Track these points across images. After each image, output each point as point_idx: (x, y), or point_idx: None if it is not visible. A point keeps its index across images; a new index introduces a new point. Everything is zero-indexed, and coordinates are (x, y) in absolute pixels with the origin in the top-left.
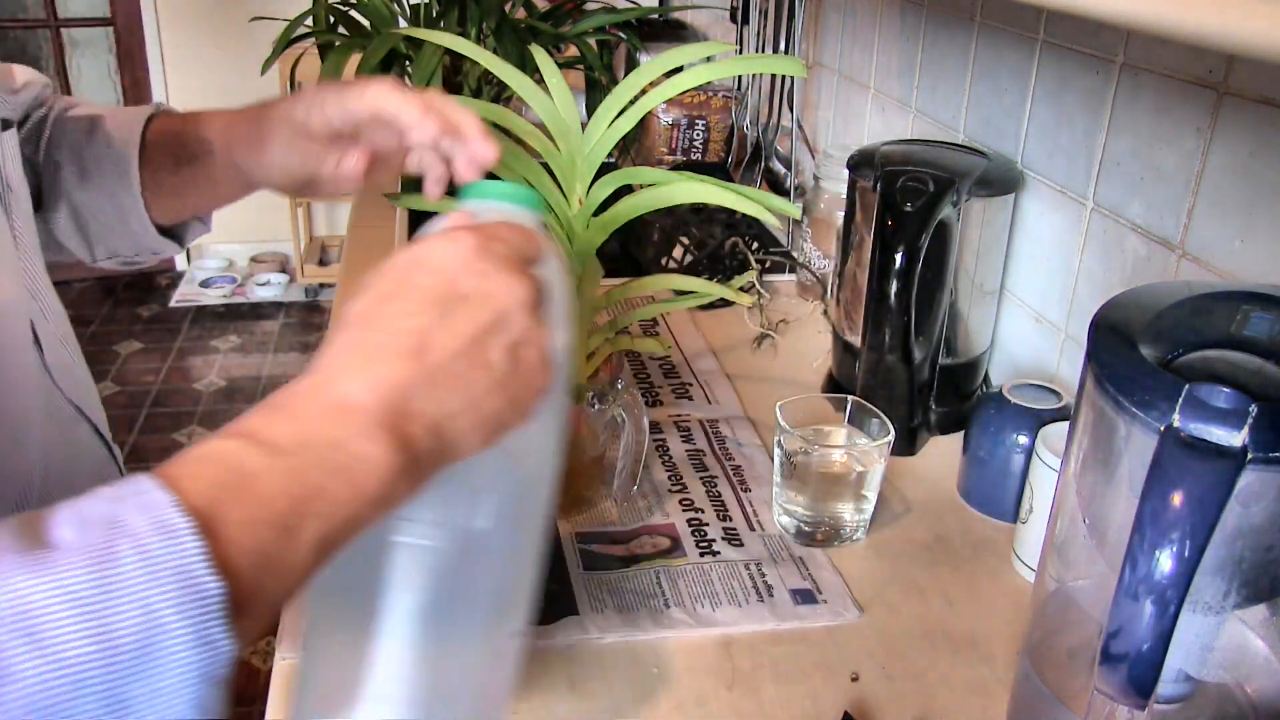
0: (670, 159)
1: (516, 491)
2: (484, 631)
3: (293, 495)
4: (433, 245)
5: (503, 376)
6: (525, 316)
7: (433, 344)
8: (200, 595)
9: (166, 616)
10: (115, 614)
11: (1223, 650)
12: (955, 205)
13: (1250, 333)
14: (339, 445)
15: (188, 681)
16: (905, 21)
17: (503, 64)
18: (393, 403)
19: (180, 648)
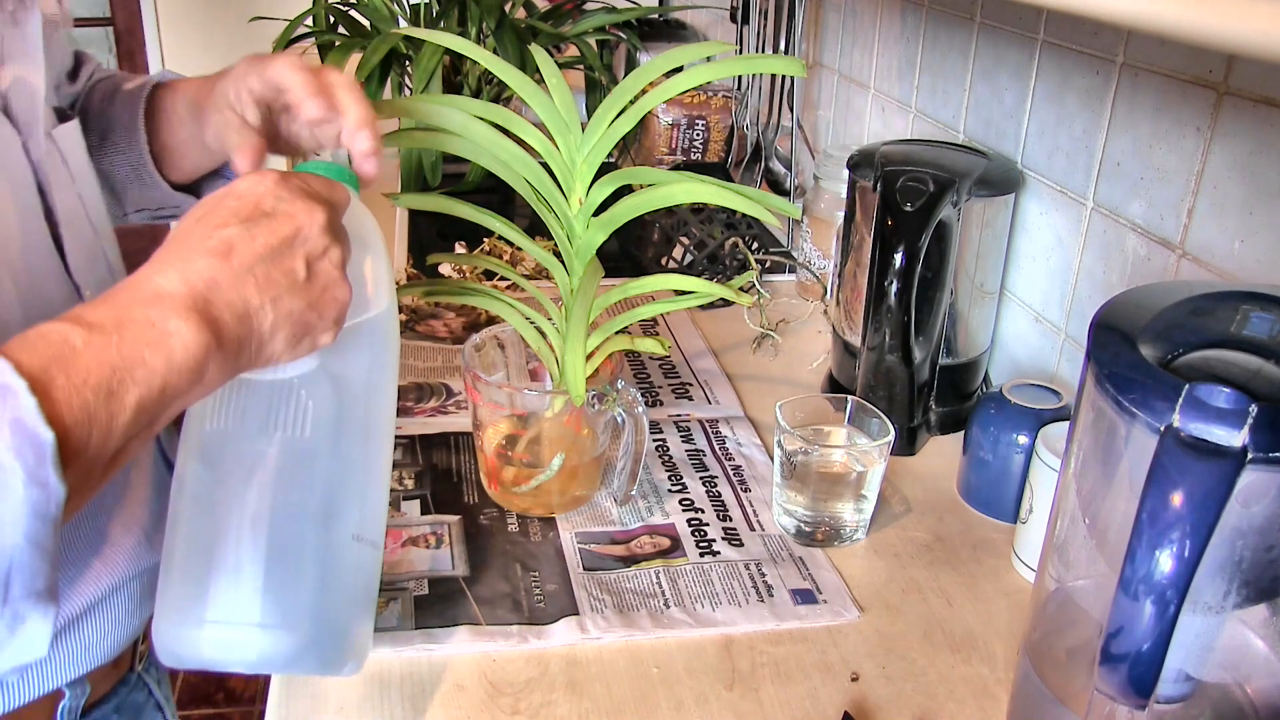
0: (670, 159)
1: (339, 407)
2: (316, 533)
3: (112, 365)
4: (241, 180)
5: (302, 283)
6: (322, 235)
7: (237, 248)
8: (34, 441)
9: (2, 455)
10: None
11: (1223, 650)
12: (955, 205)
13: (1250, 333)
14: (152, 324)
15: (21, 513)
16: (905, 21)
17: (503, 64)
18: (200, 291)
19: (15, 483)
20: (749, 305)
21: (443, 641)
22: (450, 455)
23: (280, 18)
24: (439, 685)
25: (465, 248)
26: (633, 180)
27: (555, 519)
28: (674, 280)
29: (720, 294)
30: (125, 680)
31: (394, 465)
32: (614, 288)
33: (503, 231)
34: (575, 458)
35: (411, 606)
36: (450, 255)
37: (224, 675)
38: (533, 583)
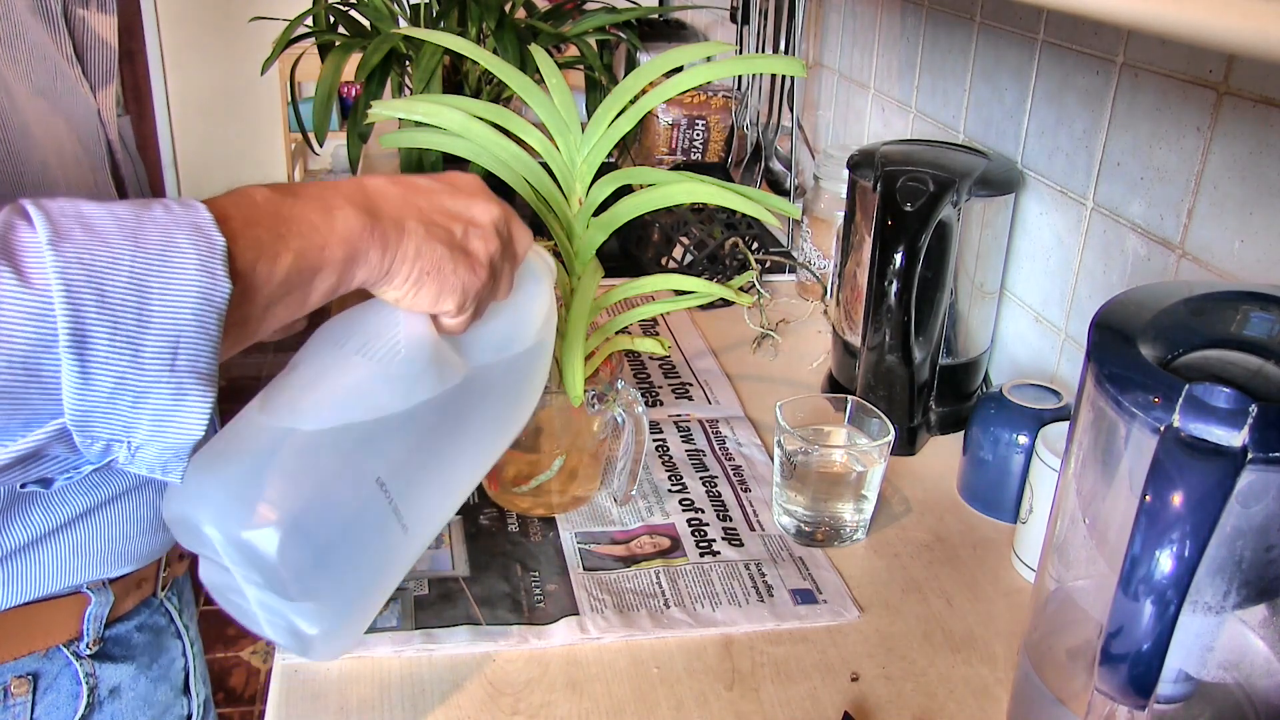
0: (670, 159)
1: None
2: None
3: (283, 216)
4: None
5: (454, 241)
6: (489, 224)
7: (417, 188)
8: (208, 241)
9: (180, 241)
10: (144, 231)
11: (1223, 650)
12: (955, 205)
13: (1250, 333)
14: (324, 198)
15: (190, 291)
16: (905, 21)
17: (503, 64)
18: (370, 194)
19: (190, 264)
20: (749, 305)
21: (443, 641)
22: None
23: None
24: (439, 685)
25: None
26: (633, 180)
27: (555, 519)
28: (674, 280)
29: (720, 294)
30: (148, 602)
31: None
32: (614, 288)
33: None
34: (575, 456)
35: (411, 606)
36: None
37: (224, 677)
38: (533, 583)
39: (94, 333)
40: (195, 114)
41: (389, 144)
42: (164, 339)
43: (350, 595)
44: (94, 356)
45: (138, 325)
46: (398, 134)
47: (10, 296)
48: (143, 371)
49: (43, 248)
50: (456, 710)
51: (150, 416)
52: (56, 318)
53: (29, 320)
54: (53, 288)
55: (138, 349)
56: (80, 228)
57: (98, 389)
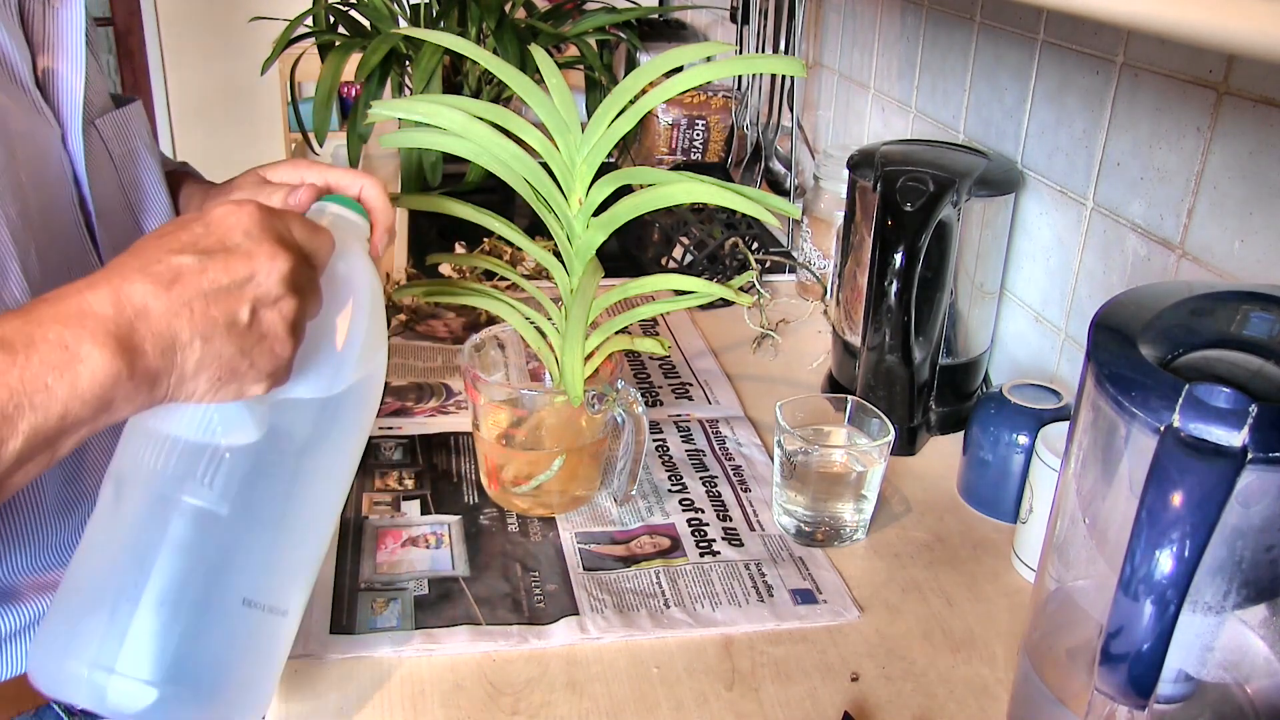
0: (670, 159)
1: (263, 475)
2: (201, 593)
3: (10, 387)
4: (221, 206)
5: (241, 327)
6: (278, 284)
7: (183, 279)
8: None
9: None
10: None
11: (1223, 650)
12: (955, 205)
13: (1250, 333)
14: (65, 346)
15: None
16: (905, 22)
17: (503, 64)
18: (128, 318)
19: None
20: (749, 305)
21: (443, 641)
22: (450, 455)
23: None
24: (439, 685)
25: (465, 248)
26: (633, 180)
27: (555, 519)
28: (674, 280)
29: (720, 294)
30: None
31: (395, 465)
32: (614, 288)
33: (502, 232)
34: (575, 456)
35: (411, 606)
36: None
37: None
38: (533, 583)
39: None
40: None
41: (389, 144)
42: None
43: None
44: None
45: None
46: (398, 134)
47: None
48: None
49: None
50: (456, 710)
51: None
52: None
53: None
54: None
55: None
56: None
57: None
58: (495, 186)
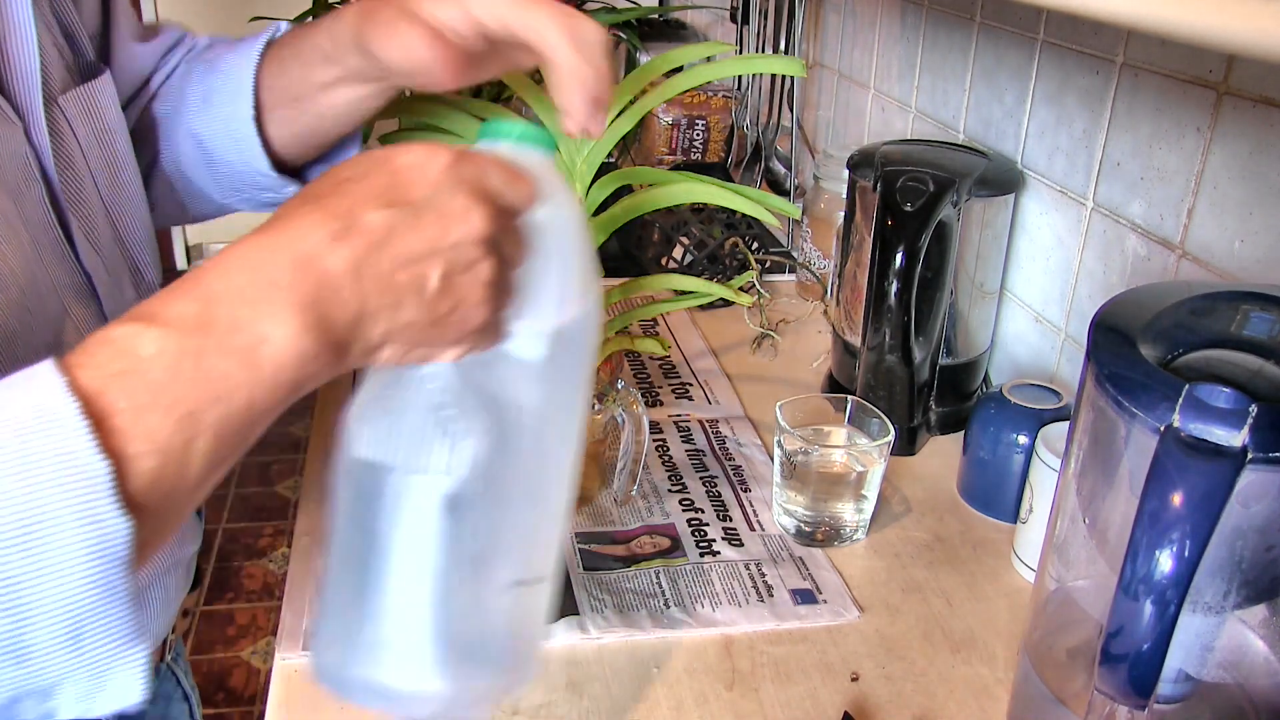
0: (670, 159)
1: (504, 443)
2: (470, 583)
3: (184, 380)
4: (410, 149)
5: (431, 295)
6: (474, 246)
7: (369, 238)
8: (83, 474)
9: (45, 493)
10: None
11: (1223, 650)
12: (955, 205)
13: (1250, 333)
14: (240, 327)
15: (76, 555)
16: (905, 21)
17: None
18: (311, 288)
19: (67, 524)
20: (749, 305)
21: None
22: None
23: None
24: None
25: None
26: (633, 180)
27: None
28: (674, 280)
29: (720, 294)
30: (156, 670)
31: None
32: (614, 288)
33: None
34: None
35: None
36: None
37: (224, 677)
38: None
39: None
40: None
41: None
42: (59, 629)
43: (528, 645)
44: None
45: (16, 628)
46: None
47: None
48: (41, 673)
49: None
50: None
51: (70, 703)
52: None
53: None
54: None
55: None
56: None
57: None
58: None
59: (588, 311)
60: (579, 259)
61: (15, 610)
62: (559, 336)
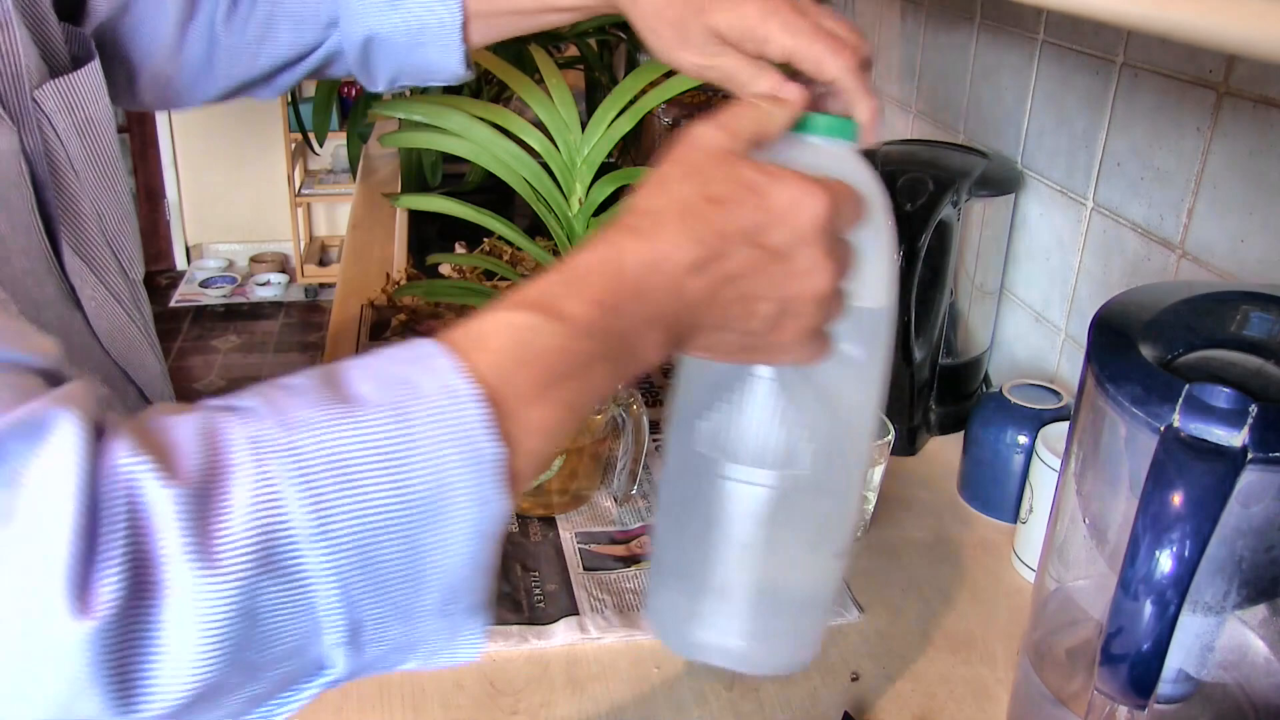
0: None
1: (832, 436)
2: (805, 559)
3: (573, 378)
4: (787, 185)
5: (757, 328)
6: (813, 302)
7: (731, 276)
8: (479, 458)
9: (453, 475)
10: (411, 468)
11: (1223, 650)
12: (955, 205)
13: (1250, 333)
14: (625, 338)
15: (468, 534)
16: (905, 21)
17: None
18: (676, 310)
19: (463, 503)
20: None
21: None
22: None
23: None
24: (439, 685)
25: (465, 248)
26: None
27: (555, 519)
28: None
29: None
30: None
31: None
32: None
33: (502, 232)
34: (575, 456)
35: None
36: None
37: None
38: (533, 583)
39: (368, 620)
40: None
41: (389, 144)
42: (438, 595)
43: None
44: (366, 639)
45: (413, 594)
46: (398, 134)
47: (285, 601)
48: (415, 630)
49: (306, 541)
50: (456, 710)
51: (419, 657)
52: (329, 618)
53: (296, 619)
54: (321, 589)
55: (409, 614)
56: (345, 490)
57: (366, 657)
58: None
59: (894, 297)
60: (889, 250)
61: (415, 578)
62: (874, 328)
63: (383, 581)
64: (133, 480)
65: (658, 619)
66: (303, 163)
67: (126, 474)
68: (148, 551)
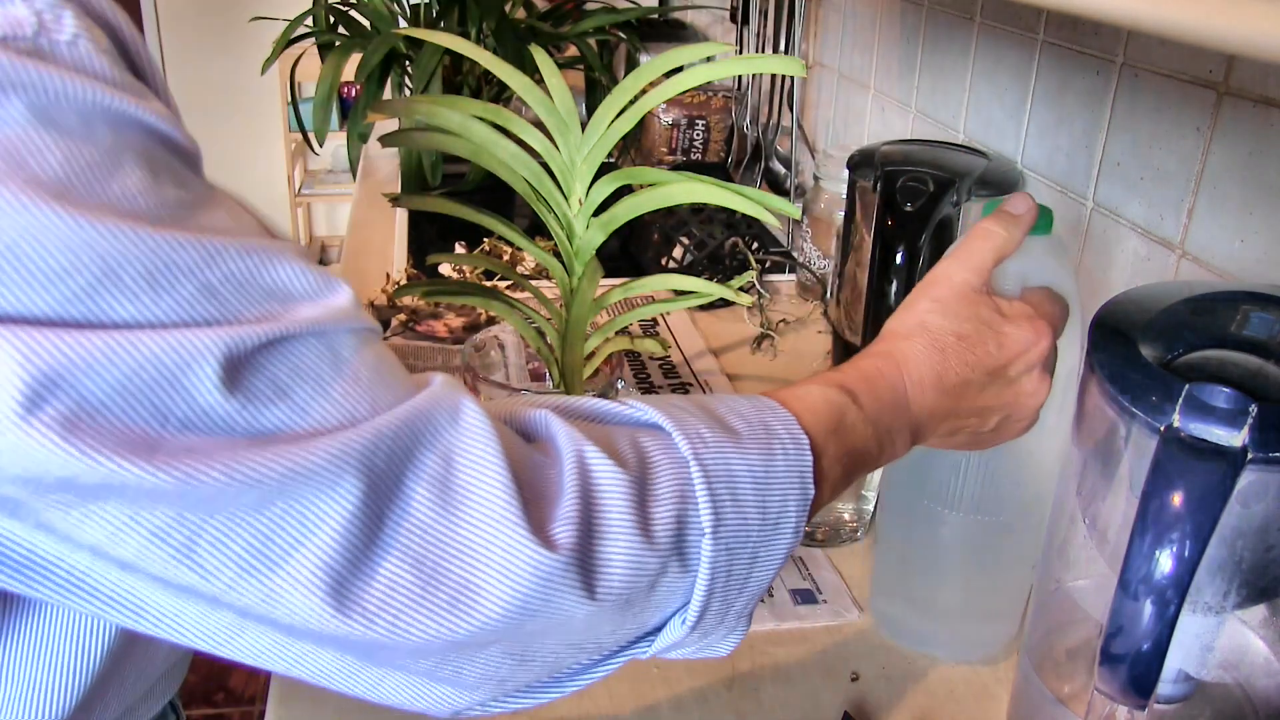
0: (670, 159)
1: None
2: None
3: (859, 450)
4: (1021, 325)
5: (981, 435)
6: (1033, 412)
7: (963, 398)
8: (805, 495)
9: (791, 503)
10: (771, 491)
11: (1223, 650)
12: (955, 205)
13: (1250, 333)
14: (890, 433)
15: (784, 554)
16: (905, 21)
17: (503, 64)
18: (924, 423)
19: (788, 528)
20: (749, 305)
21: None
22: None
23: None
24: None
25: (465, 248)
26: (633, 180)
27: None
28: (674, 280)
29: (720, 294)
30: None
31: None
32: (614, 288)
33: (502, 232)
34: None
35: None
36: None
37: (224, 677)
38: None
39: (710, 609)
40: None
41: (389, 144)
42: (748, 602)
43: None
44: (705, 623)
45: (738, 594)
46: (398, 134)
47: (670, 582)
48: (721, 626)
49: (705, 536)
50: None
51: (706, 646)
52: (693, 600)
53: (675, 595)
54: (701, 576)
55: (726, 614)
56: (732, 503)
57: (689, 637)
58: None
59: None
60: (1077, 323)
61: (747, 582)
62: (1064, 394)
63: (732, 579)
64: (588, 463)
65: (883, 619)
66: (303, 163)
67: (584, 459)
68: (597, 521)
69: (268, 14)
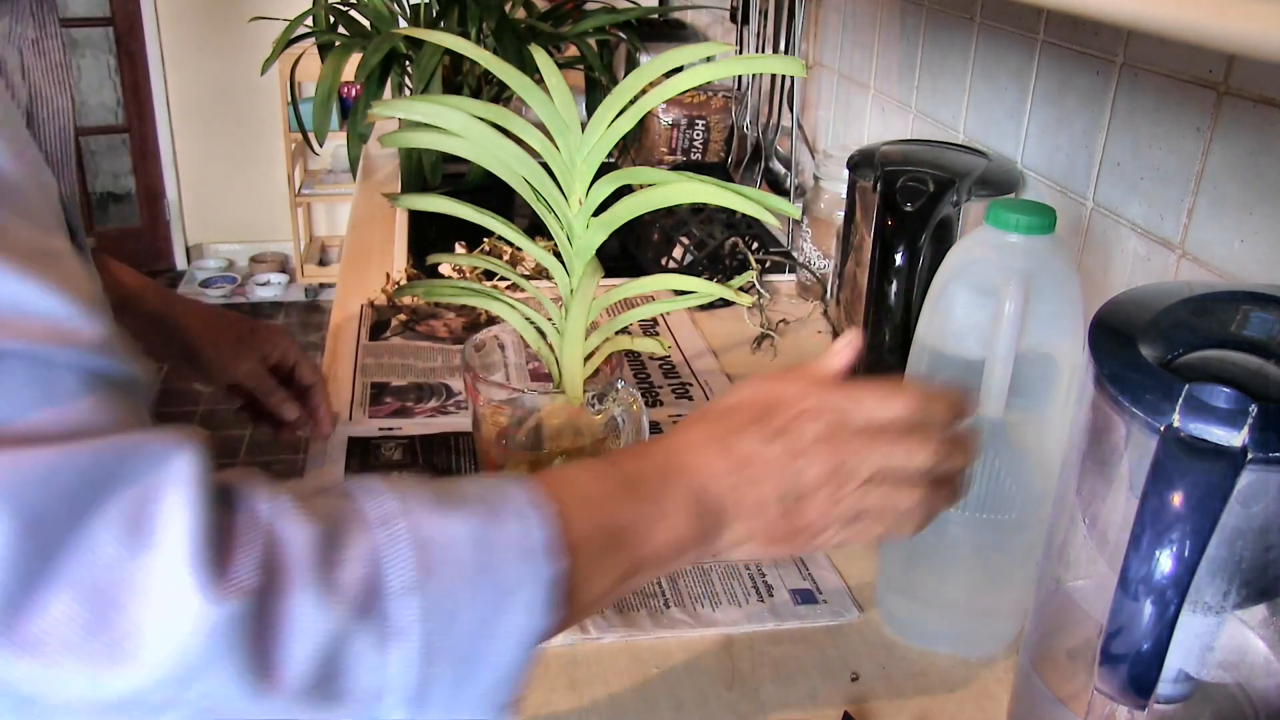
0: (670, 159)
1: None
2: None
3: (626, 519)
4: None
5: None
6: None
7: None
8: (539, 572)
9: (519, 574)
10: (497, 559)
11: (1223, 650)
12: (955, 205)
13: (1250, 333)
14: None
15: (520, 633)
16: (905, 21)
17: (503, 64)
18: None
19: (519, 605)
20: (749, 305)
21: None
22: (450, 456)
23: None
24: None
25: (465, 248)
26: (633, 180)
27: None
28: (674, 280)
29: (720, 294)
30: None
31: (395, 466)
32: (614, 288)
33: (502, 232)
34: (575, 456)
35: None
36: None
37: None
38: None
39: (435, 679)
40: (195, 114)
41: (389, 144)
42: (496, 682)
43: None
44: (429, 701)
45: (470, 668)
46: (398, 134)
47: (367, 654)
48: (462, 709)
49: (409, 594)
50: None
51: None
52: (412, 670)
53: (377, 674)
54: (412, 642)
55: (460, 691)
56: (446, 564)
57: None
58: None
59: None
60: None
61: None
62: (1063, 385)
63: (455, 647)
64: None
65: (889, 616)
66: (303, 163)
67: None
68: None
69: (268, 14)
